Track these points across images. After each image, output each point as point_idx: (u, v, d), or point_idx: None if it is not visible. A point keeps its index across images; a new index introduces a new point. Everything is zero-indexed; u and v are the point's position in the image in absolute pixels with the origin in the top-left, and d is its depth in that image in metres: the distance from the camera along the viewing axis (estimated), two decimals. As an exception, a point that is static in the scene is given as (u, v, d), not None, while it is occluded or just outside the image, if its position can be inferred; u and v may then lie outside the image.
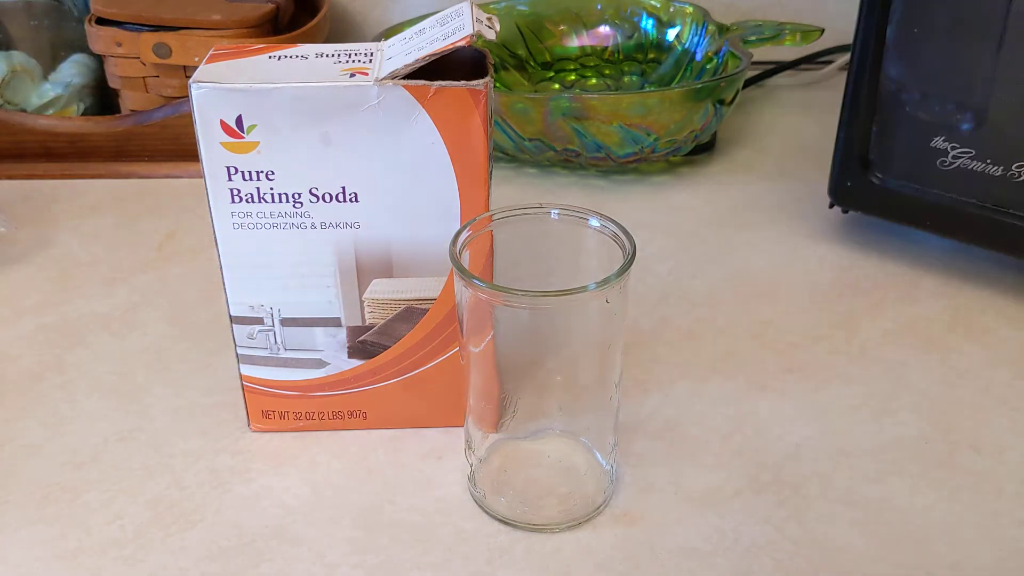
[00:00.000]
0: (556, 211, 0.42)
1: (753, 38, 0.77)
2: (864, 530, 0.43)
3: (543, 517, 0.43)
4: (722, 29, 0.79)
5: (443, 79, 0.40)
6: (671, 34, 0.83)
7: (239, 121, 0.40)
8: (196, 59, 0.73)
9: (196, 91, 0.40)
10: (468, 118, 0.41)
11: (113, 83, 0.78)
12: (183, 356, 0.55)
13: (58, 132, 0.74)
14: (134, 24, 0.74)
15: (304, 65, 0.42)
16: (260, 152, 0.41)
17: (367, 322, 0.45)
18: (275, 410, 0.48)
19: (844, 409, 0.50)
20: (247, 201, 0.42)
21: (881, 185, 0.61)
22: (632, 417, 0.49)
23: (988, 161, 0.56)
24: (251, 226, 0.43)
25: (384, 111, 0.40)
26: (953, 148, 0.57)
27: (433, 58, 0.40)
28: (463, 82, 0.40)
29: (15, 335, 0.57)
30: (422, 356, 0.46)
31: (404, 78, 0.40)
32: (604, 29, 0.86)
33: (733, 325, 0.57)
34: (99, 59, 0.80)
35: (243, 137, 0.41)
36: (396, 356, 0.46)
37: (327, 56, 0.43)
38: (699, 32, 0.81)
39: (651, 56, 0.85)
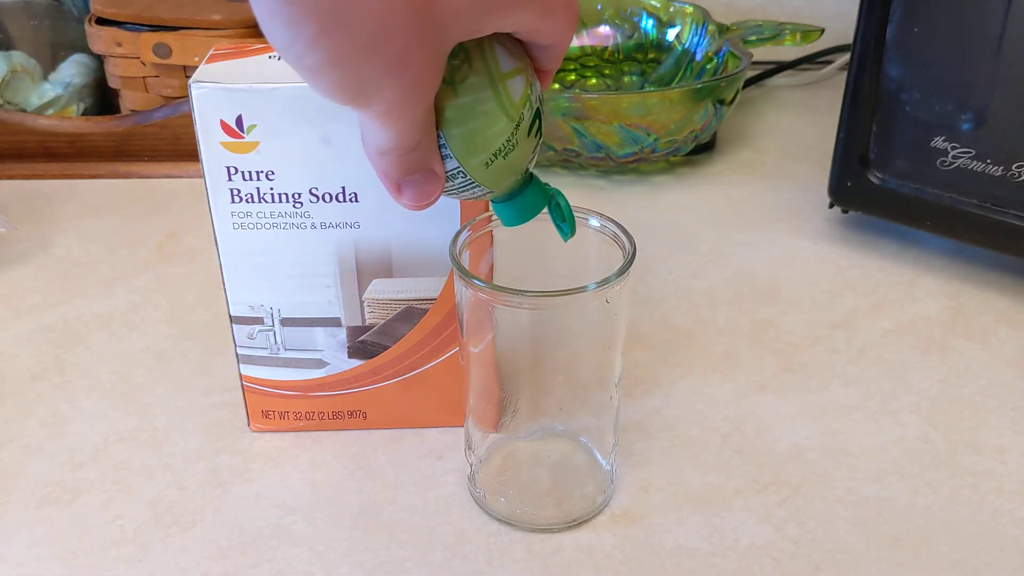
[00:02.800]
0: (556, 211, 0.42)
1: (753, 38, 0.77)
2: (864, 530, 0.43)
3: (543, 517, 0.43)
4: (722, 29, 0.79)
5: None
6: (671, 34, 0.83)
7: (239, 121, 0.40)
8: (196, 59, 0.73)
9: (196, 91, 0.40)
10: (468, 118, 0.41)
11: (113, 83, 0.78)
12: (183, 356, 0.55)
13: (58, 132, 0.74)
14: (134, 24, 0.74)
15: (304, 65, 0.42)
16: (260, 152, 0.41)
17: (367, 322, 0.45)
18: (275, 410, 0.48)
19: (844, 409, 0.50)
20: (247, 201, 0.42)
21: (881, 185, 0.61)
22: (632, 417, 0.49)
23: (988, 161, 0.56)
24: (251, 226, 0.43)
25: (384, 111, 0.40)
26: (953, 148, 0.57)
27: (433, 58, 0.40)
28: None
29: (15, 335, 0.57)
30: (422, 356, 0.46)
31: (404, 78, 0.40)
32: (604, 29, 0.86)
33: (733, 325, 0.57)
34: (99, 59, 0.80)
35: (243, 137, 0.41)
36: (396, 356, 0.46)
37: (327, 56, 0.42)
38: (699, 32, 0.81)
39: (651, 56, 0.85)
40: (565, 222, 0.38)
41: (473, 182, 0.34)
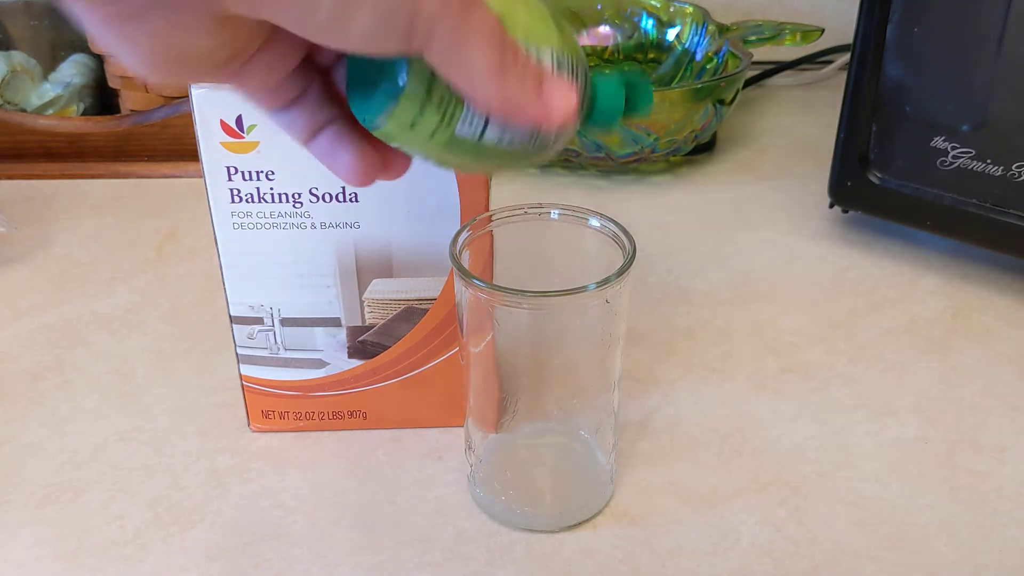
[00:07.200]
0: (556, 211, 0.42)
1: (753, 38, 0.77)
2: (864, 530, 0.43)
3: (543, 517, 0.43)
4: (722, 29, 0.79)
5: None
6: (671, 34, 0.83)
7: (239, 121, 0.40)
8: (196, 59, 0.73)
9: (196, 91, 0.40)
10: (468, 118, 0.41)
11: (113, 83, 0.78)
12: (183, 356, 0.55)
13: (58, 132, 0.74)
14: (134, 24, 0.74)
15: (304, 65, 0.42)
16: (260, 152, 0.41)
17: (367, 322, 0.45)
18: (275, 410, 0.48)
19: (844, 409, 0.50)
20: (247, 201, 0.42)
21: (881, 185, 0.61)
22: (632, 417, 0.49)
23: (988, 161, 0.56)
24: (251, 226, 0.43)
25: (384, 111, 0.40)
26: (953, 148, 0.57)
27: (433, 58, 0.40)
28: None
29: (15, 335, 0.57)
30: (422, 356, 0.46)
31: (404, 78, 0.40)
32: (604, 29, 0.86)
33: (733, 325, 0.57)
34: (99, 59, 0.80)
35: (243, 137, 0.41)
36: (396, 356, 0.46)
37: (327, 56, 0.42)
38: (699, 32, 0.81)
39: (651, 56, 0.85)
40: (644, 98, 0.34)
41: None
